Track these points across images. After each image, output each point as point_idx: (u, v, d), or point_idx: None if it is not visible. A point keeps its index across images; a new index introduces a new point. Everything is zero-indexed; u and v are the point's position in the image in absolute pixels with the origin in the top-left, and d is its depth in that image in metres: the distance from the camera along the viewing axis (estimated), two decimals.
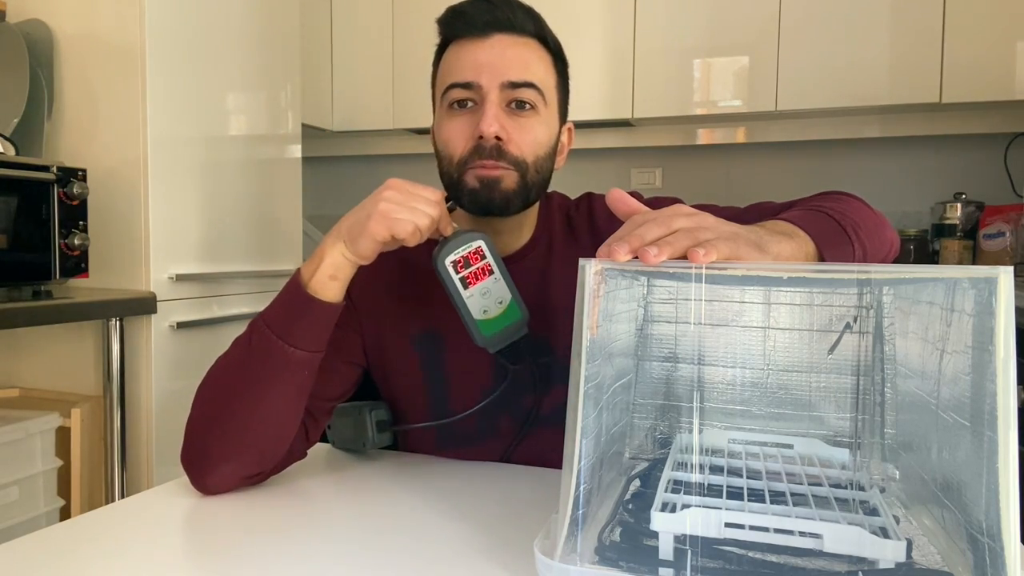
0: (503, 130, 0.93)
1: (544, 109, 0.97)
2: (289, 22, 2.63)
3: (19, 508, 1.81)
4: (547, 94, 0.98)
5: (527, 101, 0.95)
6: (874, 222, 0.87)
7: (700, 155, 3.30)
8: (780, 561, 0.58)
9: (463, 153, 0.96)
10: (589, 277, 0.63)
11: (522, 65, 0.95)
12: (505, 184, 0.95)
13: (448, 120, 0.98)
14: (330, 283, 0.88)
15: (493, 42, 0.95)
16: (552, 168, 1.02)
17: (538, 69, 0.97)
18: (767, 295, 0.75)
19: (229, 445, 0.88)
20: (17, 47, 2.09)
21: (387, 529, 0.79)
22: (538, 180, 0.99)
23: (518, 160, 0.95)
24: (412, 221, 0.84)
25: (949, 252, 2.70)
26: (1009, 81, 2.55)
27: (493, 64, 0.94)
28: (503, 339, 0.89)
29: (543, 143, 0.98)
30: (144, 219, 2.07)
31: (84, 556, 0.73)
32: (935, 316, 0.61)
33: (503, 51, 0.95)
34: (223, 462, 0.88)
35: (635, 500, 0.70)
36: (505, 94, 0.94)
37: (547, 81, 0.98)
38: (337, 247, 0.87)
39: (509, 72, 0.94)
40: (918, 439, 0.67)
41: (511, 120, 0.95)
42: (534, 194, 0.99)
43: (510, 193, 0.96)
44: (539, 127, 0.97)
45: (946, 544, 0.59)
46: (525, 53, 0.96)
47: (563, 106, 1.04)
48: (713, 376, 0.77)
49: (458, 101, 0.96)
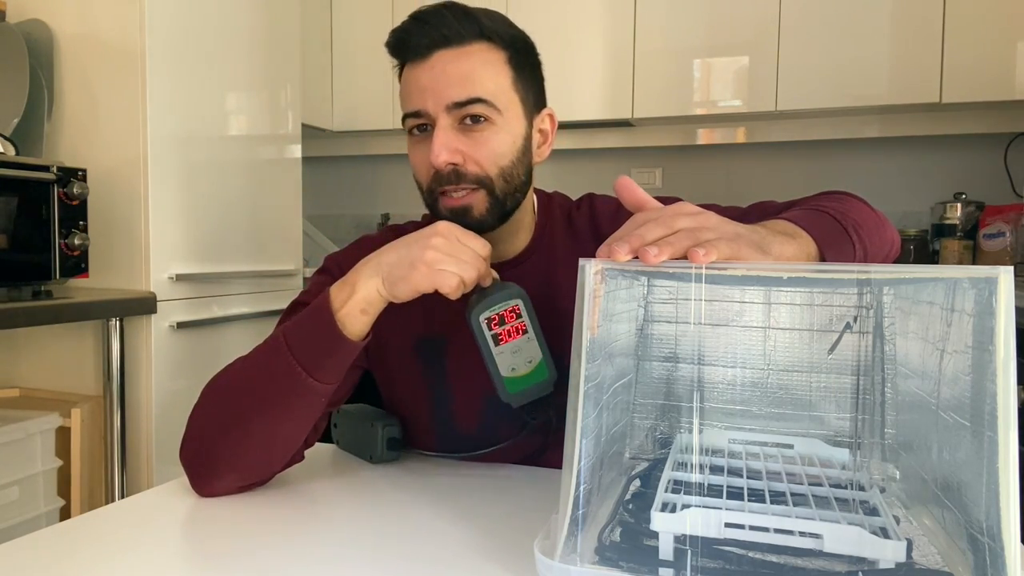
0: (456, 154, 0.92)
1: (500, 116, 0.94)
2: (289, 22, 2.63)
3: (19, 508, 1.81)
4: (499, 100, 0.94)
5: (479, 115, 0.93)
6: (875, 221, 0.87)
7: (700, 155, 3.30)
8: (780, 561, 0.58)
9: (428, 182, 0.96)
10: (589, 277, 0.63)
11: (463, 81, 0.92)
12: (476, 210, 0.94)
13: (411, 147, 0.98)
14: (360, 317, 0.85)
15: (434, 62, 0.93)
16: (529, 168, 1.00)
17: (483, 78, 0.93)
18: (767, 295, 0.75)
19: (236, 459, 0.87)
20: (17, 47, 2.08)
21: (387, 530, 0.79)
22: (510, 189, 0.97)
23: (480, 178, 0.94)
24: (458, 275, 0.82)
25: (949, 252, 2.70)
26: (1009, 81, 2.56)
27: (435, 86, 0.92)
28: (528, 396, 0.88)
29: (505, 152, 0.95)
30: (144, 219, 2.07)
31: (84, 556, 0.73)
32: (935, 316, 0.61)
33: (443, 70, 0.92)
34: (228, 472, 0.88)
35: (635, 500, 0.70)
36: (454, 115, 0.92)
37: (497, 86, 0.94)
38: (373, 282, 0.84)
39: (450, 92, 0.91)
40: (918, 439, 0.67)
41: (466, 138, 0.93)
42: (510, 203, 0.98)
43: (483, 215, 0.95)
44: (497, 137, 0.94)
45: (946, 544, 0.59)
46: (467, 66, 0.93)
47: (530, 98, 0.99)
48: (713, 376, 0.77)
49: (416, 126, 0.96)
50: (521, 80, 0.98)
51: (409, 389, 1.06)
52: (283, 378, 0.85)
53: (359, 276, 0.85)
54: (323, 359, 0.85)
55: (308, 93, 2.91)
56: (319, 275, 1.09)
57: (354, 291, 0.84)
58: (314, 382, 0.85)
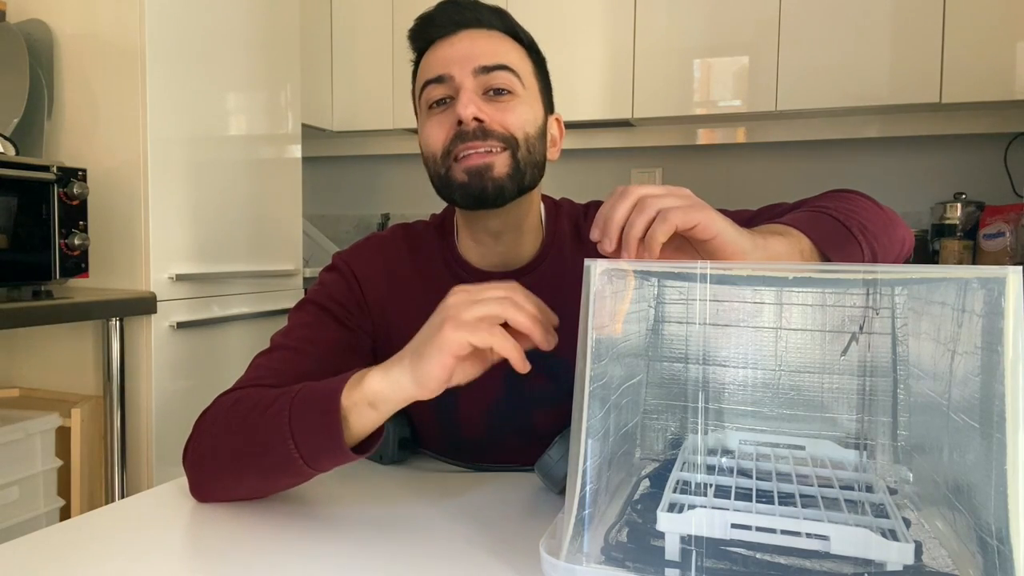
0: (481, 111, 0.92)
1: (523, 91, 0.96)
2: (289, 22, 2.63)
3: (19, 508, 1.81)
4: (524, 77, 0.96)
5: (504, 87, 0.94)
6: (883, 220, 0.86)
7: (700, 155, 3.30)
8: (787, 562, 0.58)
9: (445, 144, 0.94)
10: (594, 278, 0.63)
11: (492, 51, 0.94)
12: (496, 170, 0.93)
13: (428, 120, 0.97)
14: (370, 412, 0.77)
15: (461, 36, 0.95)
16: (544, 155, 1.00)
17: (510, 54, 0.96)
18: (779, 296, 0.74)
19: (231, 492, 0.87)
20: (17, 47, 2.08)
21: (391, 529, 0.79)
22: (531, 161, 0.96)
23: (505, 136, 0.93)
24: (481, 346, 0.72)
25: (949, 252, 2.70)
26: (1009, 81, 2.56)
27: (464, 55, 0.94)
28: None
29: (530, 121, 0.96)
30: (144, 219, 2.07)
31: (84, 556, 0.73)
32: (946, 317, 0.61)
33: (472, 42, 0.95)
34: (227, 495, 0.87)
35: (643, 500, 0.70)
36: (480, 81, 0.93)
37: (522, 65, 0.97)
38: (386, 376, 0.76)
39: (480, 58, 0.93)
40: (930, 441, 0.66)
41: (490, 104, 0.94)
42: (528, 178, 0.96)
43: (502, 179, 0.93)
44: (521, 107, 0.95)
45: (957, 547, 0.59)
46: (495, 42, 0.96)
47: (545, 96, 1.03)
48: (725, 377, 0.76)
49: (436, 100, 0.95)
50: (539, 75, 1.01)
51: None
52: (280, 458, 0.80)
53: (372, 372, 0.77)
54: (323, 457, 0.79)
55: (308, 93, 2.91)
56: (327, 272, 1.08)
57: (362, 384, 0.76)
58: (312, 471, 0.81)
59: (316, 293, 1.05)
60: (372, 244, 1.10)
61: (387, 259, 1.08)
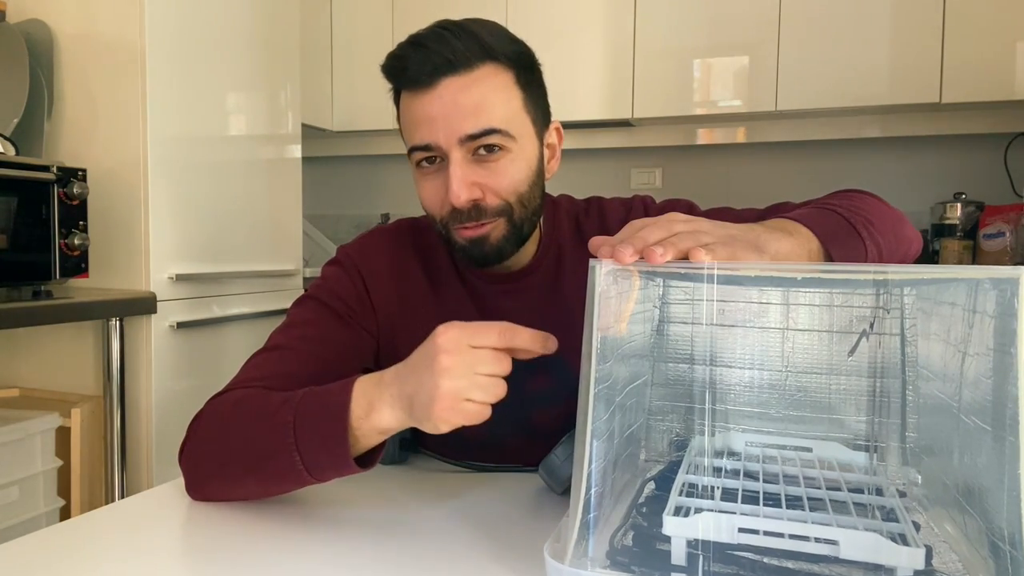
0: (474, 188, 0.89)
1: (515, 143, 0.91)
2: (289, 22, 2.62)
3: (19, 508, 1.80)
4: (514, 127, 0.91)
5: (494, 145, 0.89)
6: (890, 219, 0.85)
7: (700, 155, 3.29)
8: (795, 567, 0.58)
9: (443, 216, 0.93)
10: (599, 278, 0.63)
11: (475, 111, 0.87)
12: (493, 237, 0.92)
13: (421, 180, 0.94)
14: (377, 437, 0.77)
15: (441, 91, 0.88)
16: (542, 189, 0.99)
17: (495, 105, 0.89)
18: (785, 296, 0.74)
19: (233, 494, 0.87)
20: (17, 47, 2.08)
21: (392, 531, 0.79)
22: (527, 214, 0.95)
23: (500, 208, 0.92)
24: (486, 403, 0.72)
25: (949, 252, 2.70)
26: (1009, 81, 2.56)
27: (447, 117, 0.87)
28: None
29: (523, 179, 0.93)
30: (144, 219, 2.07)
31: (84, 556, 0.72)
32: (957, 317, 0.60)
33: (454, 99, 0.87)
34: (224, 496, 0.87)
35: (649, 503, 0.70)
36: (467, 147, 0.89)
37: (510, 110, 0.91)
38: (396, 413, 0.74)
39: (464, 125, 0.87)
40: (940, 443, 0.66)
41: (482, 169, 0.90)
42: (527, 228, 0.96)
43: (500, 243, 0.93)
44: (514, 166, 0.91)
45: (968, 552, 0.59)
46: (478, 94, 0.88)
47: (539, 116, 0.97)
48: (731, 378, 0.76)
49: (425, 159, 0.92)
50: (530, 100, 0.95)
51: None
52: (283, 468, 0.79)
53: (381, 401, 0.75)
54: (327, 470, 0.79)
55: (308, 93, 2.90)
56: (330, 266, 1.05)
57: (371, 411, 0.75)
58: (314, 480, 0.80)
59: (318, 288, 1.02)
60: (378, 237, 1.07)
61: (394, 255, 1.05)
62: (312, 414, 0.78)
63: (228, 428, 0.85)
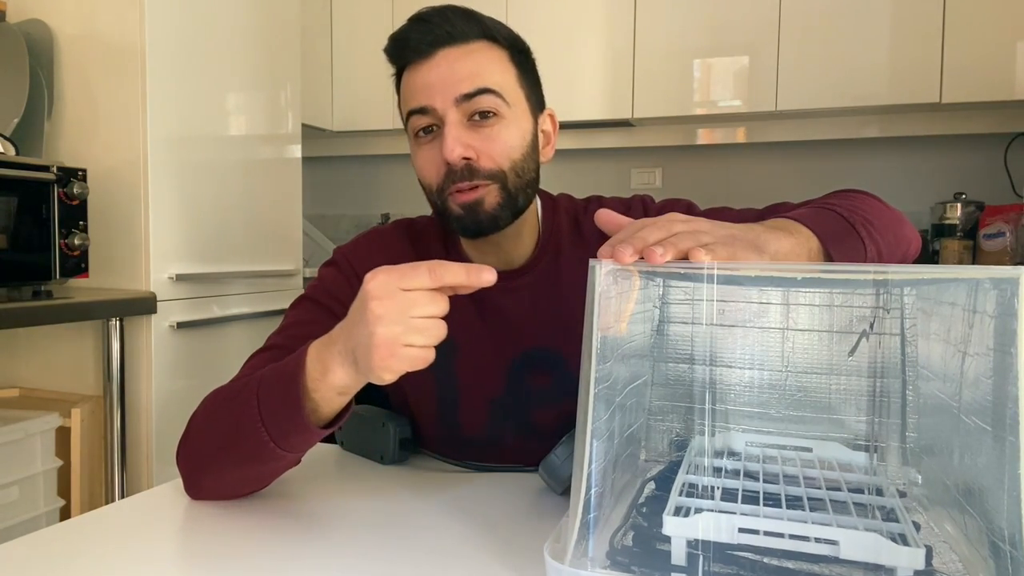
0: (469, 149, 0.91)
1: (509, 111, 0.94)
2: (289, 22, 2.62)
3: (19, 508, 1.80)
4: (508, 94, 0.94)
5: (488, 109, 0.92)
6: (889, 219, 0.86)
7: (700, 155, 3.29)
8: (795, 567, 0.58)
9: (438, 181, 0.94)
10: (599, 277, 0.62)
11: (472, 74, 0.91)
12: (488, 203, 0.93)
13: (418, 150, 0.97)
14: (338, 398, 0.77)
15: (439, 59, 0.92)
16: (537, 165, 1.00)
17: (491, 72, 0.93)
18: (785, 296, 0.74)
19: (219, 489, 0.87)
20: (17, 47, 2.08)
21: (392, 532, 0.78)
22: (522, 184, 0.96)
23: (494, 172, 0.93)
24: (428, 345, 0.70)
25: (949, 252, 2.70)
26: (1009, 81, 2.56)
27: (443, 81, 0.91)
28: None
29: (516, 146, 0.95)
30: (144, 219, 2.07)
31: (84, 556, 0.72)
32: (957, 317, 0.60)
33: (451, 65, 0.92)
34: (216, 488, 0.87)
35: (649, 503, 0.69)
36: (463, 109, 0.91)
37: (505, 80, 0.94)
38: (346, 370, 0.74)
39: (460, 85, 0.91)
40: (940, 443, 0.66)
41: (476, 133, 0.92)
42: (522, 199, 0.97)
43: (495, 210, 0.94)
44: (507, 131, 0.94)
45: (968, 552, 0.59)
46: (474, 61, 0.92)
47: (533, 97, 1.00)
48: (730, 378, 0.76)
49: (422, 128, 0.95)
50: (524, 78, 0.98)
51: (417, 392, 1.05)
52: (253, 444, 0.80)
53: (331, 359, 0.75)
54: (291, 436, 0.79)
55: (308, 93, 2.90)
56: (327, 267, 1.07)
57: (327, 372, 0.75)
58: (286, 453, 0.81)
59: (314, 289, 1.04)
60: (374, 239, 1.09)
61: (389, 255, 1.05)
62: (271, 384, 0.80)
63: (210, 420, 0.88)
